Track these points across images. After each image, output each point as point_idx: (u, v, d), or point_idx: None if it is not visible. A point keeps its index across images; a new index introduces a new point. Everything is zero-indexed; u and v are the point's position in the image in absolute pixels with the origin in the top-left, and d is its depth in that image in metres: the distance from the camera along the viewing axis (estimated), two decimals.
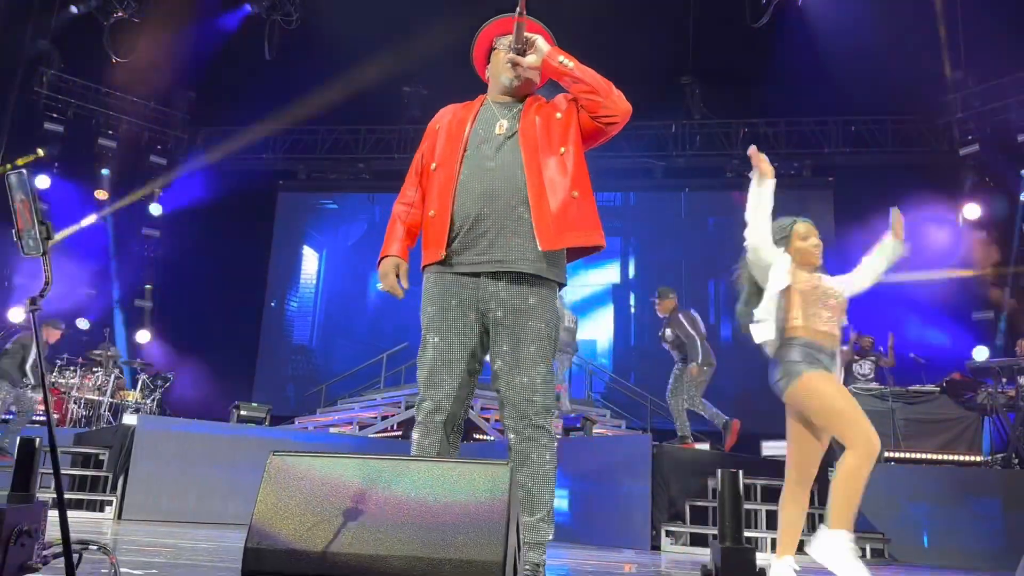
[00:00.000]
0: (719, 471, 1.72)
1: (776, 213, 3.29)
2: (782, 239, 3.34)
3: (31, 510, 1.62)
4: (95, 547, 1.79)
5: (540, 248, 2.42)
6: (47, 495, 5.63)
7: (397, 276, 2.65)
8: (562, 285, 2.59)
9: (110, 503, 6.50)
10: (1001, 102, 11.95)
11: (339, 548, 1.49)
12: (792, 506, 3.21)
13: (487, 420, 9.22)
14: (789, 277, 3.22)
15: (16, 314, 10.12)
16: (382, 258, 2.69)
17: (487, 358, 2.57)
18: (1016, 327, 10.98)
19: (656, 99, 13.08)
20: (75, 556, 1.61)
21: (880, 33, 11.32)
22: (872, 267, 3.39)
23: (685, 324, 7.43)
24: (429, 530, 1.51)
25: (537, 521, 2.32)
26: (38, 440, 1.69)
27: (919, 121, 13.04)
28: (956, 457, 7.70)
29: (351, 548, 1.49)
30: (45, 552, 1.69)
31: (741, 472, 1.67)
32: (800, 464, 3.21)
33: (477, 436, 9.36)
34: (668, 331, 7.54)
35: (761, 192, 3.23)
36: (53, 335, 8.75)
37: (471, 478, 1.57)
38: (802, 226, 3.37)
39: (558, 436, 7.49)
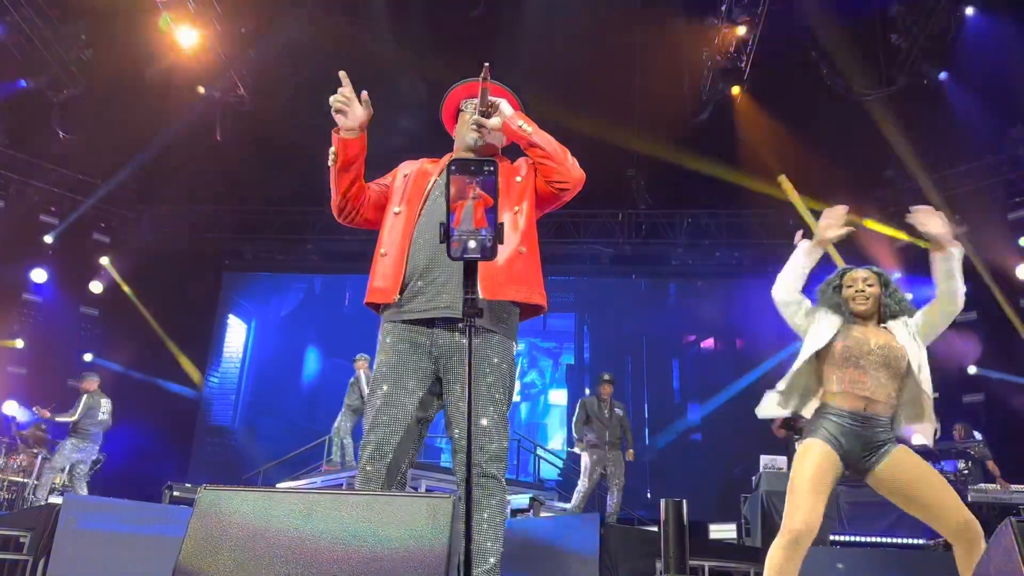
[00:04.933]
0: (662, 500, 1.70)
1: (717, 301, 3.27)
2: (835, 288, 3.24)
3: None
4: None
5: (482, 296, 2.44)
6: None
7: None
8: (515, 338, 2.61)
9: None
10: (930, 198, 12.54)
11: None
12: (778, 566, 2.87)
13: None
14: (828, 335, 3.08)
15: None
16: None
17: (440, 410, 2.56)
18: None
19: (602, 189, 13.43)
20: None
21: (814, 129, 11.88)
22: (933, 308, 3.14)
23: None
24: (367, 564, 1.45)
25: (483, 573, 2.26)
26: None
27: (854, 215, 13.55)
28: (900, 540, 7.72)
29: None
30: None
31: (685, 501, 1.65)
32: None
33: None
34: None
35: (798, 255, 3.26)
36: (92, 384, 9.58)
37: (411, 512, 1.52)
38: (853, 272, 3.24)
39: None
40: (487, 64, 2.64)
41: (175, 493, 7.43)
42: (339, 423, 10.27)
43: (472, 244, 1.49)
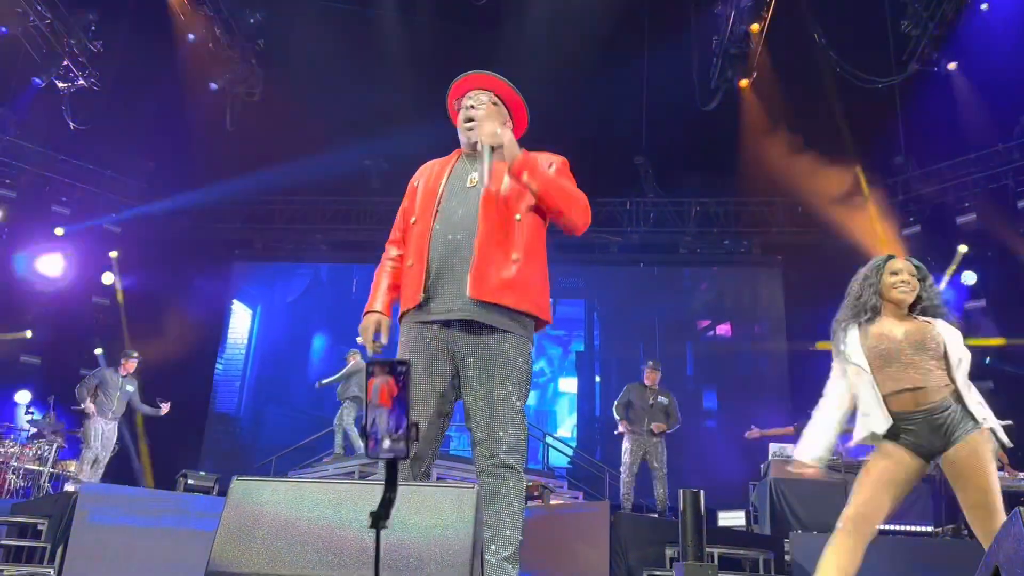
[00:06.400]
0: (680, 491, 1.75)
1: (730, 290, 3.27)
2: (876, 275, 3.20)
3: None
4: None
5: (469, 295, 2.49)
6: None
7: (378, 332, 2.70)
8: (532, 332, 2.66)
9: (47, 575, 6.22)
10: (940, 185, 12.49)
11: (303, 571, 1.48)
12: (833, 554, 2.92)
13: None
14: (862, 354, 3.06)
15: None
16: (366, 313, 2.76)
17: (459, 401, 2.62)
18: None
19: (611, 177, 13.44)
20: None
21: (821, 119, 11.86)
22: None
23: None
24: (394, 552, 1.50)
25: (501, 560, 2.31)
26: None
27: (862, 203, 13.51)
28: (908, 528, 7.76)
29: (315, 570, 1.48)
30: None
31: (702, 492, 1.70)
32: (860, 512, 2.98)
33: None
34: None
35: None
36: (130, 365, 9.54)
37: (436, 501, 1.58)
38: (896, 262, 3.21)
39: None
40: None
41: (189, 481, 7.50)
42: (340, 414, 10.53)
43: (387, 443, 1.35)
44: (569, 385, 15.47)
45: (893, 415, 3.01)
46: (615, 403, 8.93)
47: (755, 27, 11.41)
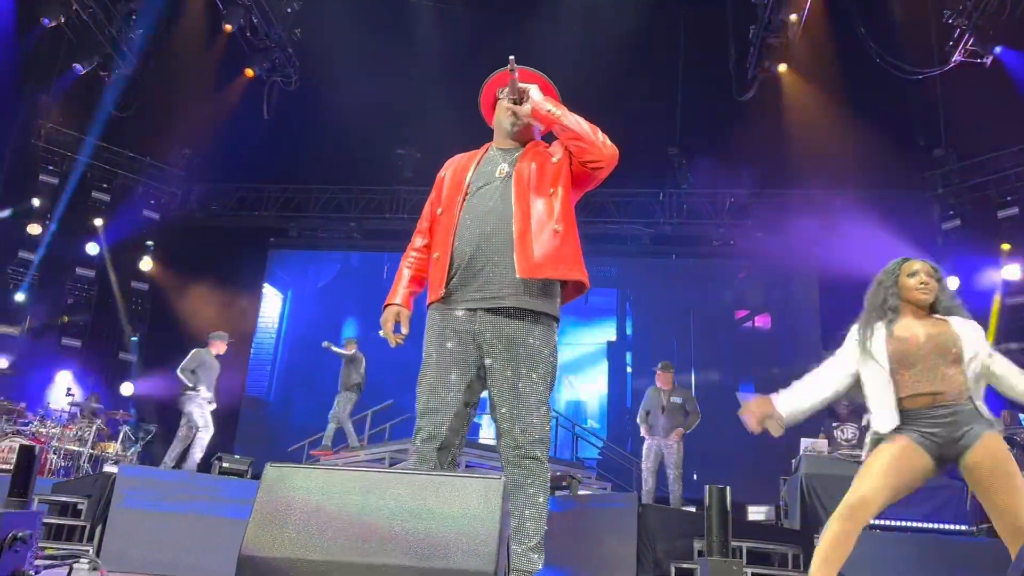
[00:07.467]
0: (706, 486, 1.76)
1: (764, 282, 3.23)
2: (892, 279, 3.22)
3: (27, 517, 1.62)
4: (86, 560, 1.79)
5: (518, 275, 2.50)
6: None
7: (398, 323, 2.75)
8: (557, 320, 2.66)
9: (86, 552, 6.37)
10: (982, 179, 12.25)
11: (334, 556, 1.51)
12: (832, 543, 2.91)
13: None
14: (884, 359, 3.04)
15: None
16: (386, 306, 2.82)
17: (484, 392, 2.63)
18: None
19: (644, 169, 13.37)
20: (65, 568, 1.61)
21: (862, 109, 11.68)
22: (997, 380, 3.18)
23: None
24: (422, 540, 1.53)
25: (527, 550, 2.34)
26: (36, 448, 1.71)
27: (901, 196, 13.30)
28: (941, 526, 7.66)
29: (345, 556, 1.51)
30: (38, 561, 1.69)
31: (728, 488, 1.71)
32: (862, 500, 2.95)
33: None
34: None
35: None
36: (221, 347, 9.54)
37: (464, 490, 1.60)
38: (913, 263, 3.23)
39: None
40: (512, 57, 2.75)
41: (224, 464, 7.60)
42: (337, 407, 10.65)
43: None
44: (600, 376, 15.42)
45: (907, 414, 2.98)
46: (638, 414, 8.98)
47: (793, 17, 11.28)
